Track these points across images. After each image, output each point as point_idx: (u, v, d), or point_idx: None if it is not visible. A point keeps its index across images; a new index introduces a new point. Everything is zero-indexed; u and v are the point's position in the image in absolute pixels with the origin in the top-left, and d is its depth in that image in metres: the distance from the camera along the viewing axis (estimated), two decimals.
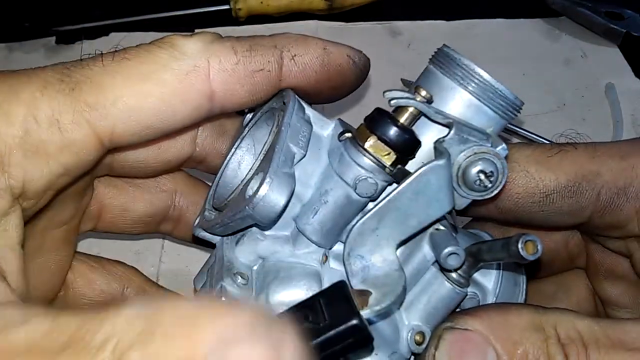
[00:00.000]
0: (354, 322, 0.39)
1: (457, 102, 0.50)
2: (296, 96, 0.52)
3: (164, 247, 0.85)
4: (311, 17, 1.12)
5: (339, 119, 0.53)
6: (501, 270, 0.56)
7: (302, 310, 0.41)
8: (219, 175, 0.57)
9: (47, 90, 0.44)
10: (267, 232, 0.52)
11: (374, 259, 0.49)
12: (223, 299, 0.50)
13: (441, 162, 0.46)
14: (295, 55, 0.52)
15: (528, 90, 1.01)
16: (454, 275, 0.51)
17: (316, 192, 0.51)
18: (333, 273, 0.51)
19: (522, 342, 0.49)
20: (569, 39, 1.11)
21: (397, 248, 0.49)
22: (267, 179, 0.46)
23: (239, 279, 0.51)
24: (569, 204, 0.57)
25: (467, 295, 0.53)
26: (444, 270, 0.51)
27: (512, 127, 0.92)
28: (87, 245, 0.77)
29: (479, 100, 0.50)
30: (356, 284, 0.47)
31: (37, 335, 0.36)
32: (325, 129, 0.53)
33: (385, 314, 0.47)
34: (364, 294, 0.45)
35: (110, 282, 0.65)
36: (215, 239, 0.55)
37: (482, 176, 0.48)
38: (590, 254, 0.67)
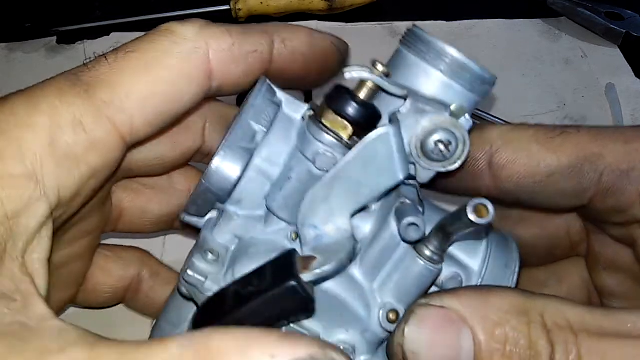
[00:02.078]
0: (292, 283, 0.41)
1: (425, 79, 0.51)
2: (267, 80, 0.54)
3: (164, 244, 0.86)
4: (311, 18, 1.12)
5: (312, 102, 0.54)
6: (489, 251, 0.54)
7: (249, 278, 0.43)
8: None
9: (64, 97, 0.45)
10: (240, 212, 0.53)
11: (327, 229, 0.49)
12: (190, 272, 0.52)
13: (387, 129, 0.46)
14: (284, 39, 0.55)
15: (528, 91, 1.02)
16: (426, 252, 0.49)
17: (284, 171, 0.52)
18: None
19: (501, 324, 0.47)
20: (569, 39, 1.11)
21: (351, 217, 0.49)
22: (221, 152, 0.50)
23: (209, 256, 0.52)
24: (570, 185, 0.56)
25: (440, 271, 0.50)
26: (416, 247, 0.49)
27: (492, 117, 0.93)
28: None
29: (445, 75, 0.50)
30: (307, 252, 0.47)
31: None
32: (298, 112, 0.54)
33: (327, 276, 0.46)
34: (309, 258, 0.45)
35: (126, 267, 0.67)
36: (201, 223, 0.55)
37: (440, 146, 0.48)
38: (591, 242, 0.66)
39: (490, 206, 0.42)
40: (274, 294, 0.41)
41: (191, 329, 0.48)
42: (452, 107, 0.49)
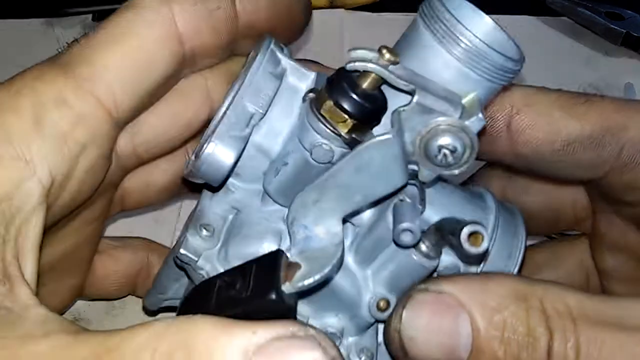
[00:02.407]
0: (272, 296, 0.40)
1: (438, 64, 0.46)
2: (272, 45, 0.51)
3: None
4: None
5: (318, 72, 0.51)
6: (493, 240, 0.53)
7: (234, 275, 0.43)
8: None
9: (44, 78, 0.46)
10: (239, 184, 0.52)
11: (317, 230, 0.46)
12: (183, 251, 0.52)
13: (385, 138, 0.43)
14: None
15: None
16: (422, 247, 0.48)
17: (282, 150, 0.50)
18: None
19: (500, 310, 0.45)
20: (568, 39, 1.13)
21: (343, 220, 0.47)
22: (211, 142, 0.47)
23: (204, 232, 0.52)
24: (589, 156, 0.54)
25: (437, 267, 0.49)
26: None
27: None
28: None
29: (460, 63, 0.45)
30: (294, 254, 0.45)
31: (58, 349, 0.36)
32: (304, 81, 0.51)
33: (310, 290, 0.43)
34: (293, 267, 0.43)
35: (134, 253, 0.68)
36: None
37: (445, 151, 0.44)
38: (597, 221, 0.64)
39: (485, 233, 0.40)
40: (254, 304, 0.41)
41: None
42: (465, 102, 0.45)
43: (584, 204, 0.65)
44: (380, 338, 0.53)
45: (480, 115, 0.44)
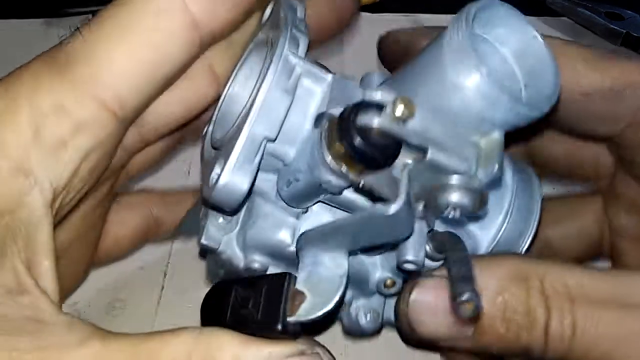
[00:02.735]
0: (278, 327, 0.43)
1: (456, 101, 0.42)
2: (285, 48, 0.46)
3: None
4: None
5: (336, 75, 0.48)
6: (504, 229, 0.54)
7: (246, 290, 0.47)
8: (216, 110, 0.54)
9: (41, 82, 0.43)
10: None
11: (324, 258, 0.47)
12: (204, 241, 0.54)
13: (388, 211, 0.40)
14: None
15: None
16: (427, 249, 0.49)
17: (296, 158, 0.48)
18: (312, 221, 0.52)
19: (501, 292, 0.47)
20: (568, 39, 1.12)
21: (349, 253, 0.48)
22: (224, 173, 0.45)
23: (221, 220, 0.53)
24: (607, 108, 0.54)
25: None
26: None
27: None
28: None
29: (478, 95, 0.42)
30: (300, 280, 0.46)
31: (97, 357, 0.40)
32: (320, 84, 0.48)
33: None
34: (299, 298, 0.45)
35: (138, 212, 0.68)
36: None
37: (454, 208, 0.43)
38: (616, 180, 0.64)
39: (478, 307, 0.41)
40: (264, 330, 0.44)
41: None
42: (484, 145, 0.43)
43: (608, 163, 0.65)
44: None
45: (496, 165, 0.42)
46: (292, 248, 0.51)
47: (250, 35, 0.56)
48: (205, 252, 0.57)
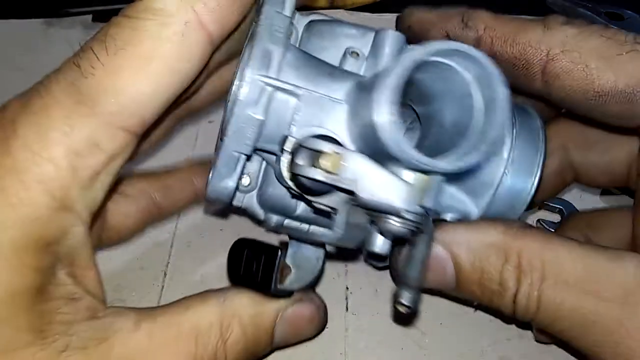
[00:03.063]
0: (271, 291, 0.57)
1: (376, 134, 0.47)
2: (256, 74, 0.51)
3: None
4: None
5: (306, 93, 0.52)
6: (494, 197, 0.57)
7: (254, 253, 0.58)
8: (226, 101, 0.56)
9: (71, 119, 0.45)
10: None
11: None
12: (235, 202, 0.61)
13: (329, 237, 0.52)
14: None
15: None
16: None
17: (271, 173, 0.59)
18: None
19: (480, 260, 0.52)
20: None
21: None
22: (208, 186, 0.56)
23: (244, 180, 0.60)
24: (620, 108, 0.53)
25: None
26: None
27: None
28: None
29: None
30: (289, 255, 0.59)
31: (153, 337, 0.50)
32: (293, 96, 0.53)
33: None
34: (287, 271, 0.58)
35: (137, 202, 0.70)
36: None
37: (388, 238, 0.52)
38: None
39: (409, 307, 0.47)
40: (261, 290, 0.58)
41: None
42: (417, 184, 0.49)
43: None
44: None
45: (425, 203, 0.49)
46: (297, 213, 0.59)
47: (248, 25, 0.56)
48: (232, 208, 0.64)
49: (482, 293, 0.54)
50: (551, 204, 0.81)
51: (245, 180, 0.60)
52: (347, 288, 0.76)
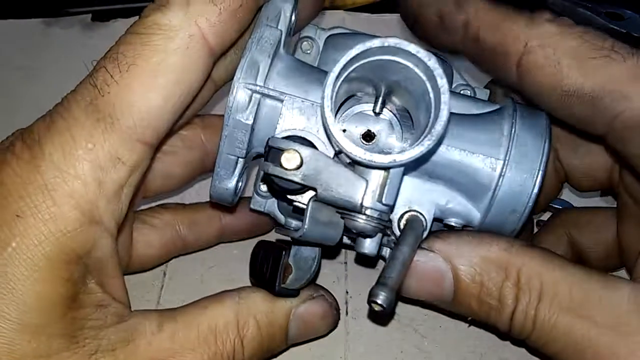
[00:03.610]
0: (275, 290, 0.61)
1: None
2: (243, 85, 0.55)
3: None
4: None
5: (289, 98, 0.56)
6: (493, 200, 0.57)
7: (266, 253, 0.62)
8: None
9: (94, 137, 0.48)
10: None
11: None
12: (252, 206, 0.66)
13: (295, 234, 0.55)
14: None
15: None
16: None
17: None
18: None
19: (481, 275, 0.53)
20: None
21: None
22: (212, 187, 0.59)
23: (263, 187, 0.65)
24: (583, 112, 0.53)
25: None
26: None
27: None
28: None
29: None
30: (291, 255, 0.62)
31: (176, 337, 0.54)
32: (279, 102, 0.57)
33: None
34: (289, 270, 0.62)
35: (162, 234, 0.72)
36: None
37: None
38: (621, 183, 0.65)
39: (381, 305, 0.48)
40: (268, 288, 0.61)
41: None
42: (372, 182, 0.53)
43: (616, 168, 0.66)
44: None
45: (384, 200, 0.52)
46: None
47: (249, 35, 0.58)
48: (257, 212, 0.68)
49: (480, 308, 0.54)
50: (553, 205, 0.81)
51: (264, 187, 0.65)
52: (347, 292, 0.76)
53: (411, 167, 0.56)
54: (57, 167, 0.48)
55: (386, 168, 0.52)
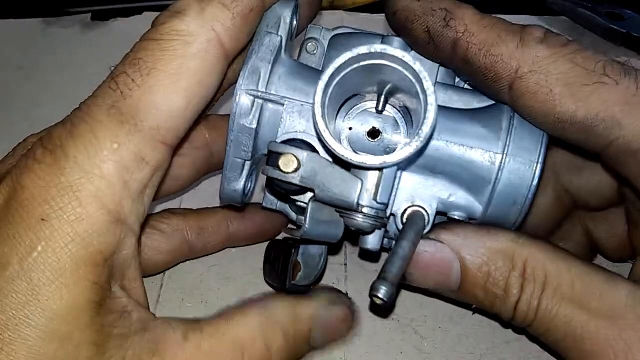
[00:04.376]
0: (286, 288, 0.63)
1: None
2: (243, 94, 0.58)
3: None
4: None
5: (289, 103, 0.59)
6: (494, 193, 0.58)
7: (277, 252, 0.65)
8: None
9: (118, 138, 0.48)
10: None
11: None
12: (265, 204, 0.67)
13: (297, 235, 0.57)
14: None
15: None
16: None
17: None
18: None
19: (488, 264, 0.55)
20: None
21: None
22: (221, 189, 0.62)
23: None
24: (578, 138, 0.54)
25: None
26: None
27: None
28: None
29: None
30: (300, 253, 0.65)
31: (202, 347, 0.52)
32: (280, 106, 0.59)
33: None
34: (297, 267, 0.65)
35: (170, 239, 0.72)
36: None
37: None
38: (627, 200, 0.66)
39: (382, 298, 0.50)
40: (280, 284, 0.64)
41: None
42: (368, 182, 0.54)
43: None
44: None
45: (379, 198, 0.54)
46: None
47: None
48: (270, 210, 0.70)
49: (485, 297, 0.55)
50: None
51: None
52: (347, 293, 0.75)
53: (407, 165, 0.58)
54: (82, 169, 0.47)
55: (378, 169, 0.54)
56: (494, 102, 0.61)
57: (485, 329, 0.73)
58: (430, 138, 0.54)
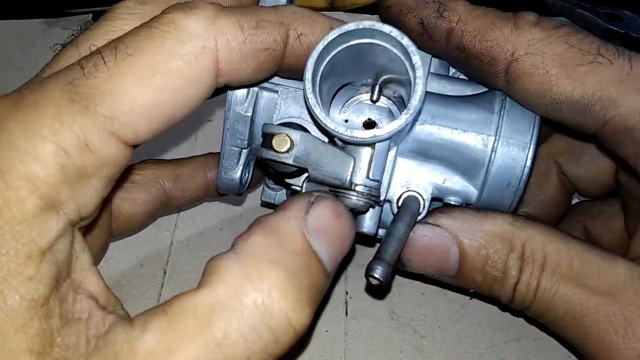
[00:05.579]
0: None
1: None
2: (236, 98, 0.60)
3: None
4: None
5: (284, 89, 0.60)
6: (488, 176, 0.58)
7: None
8: None
9: (63, 116, 0.42)
10: None
11: None
12: (263, 199, 0.68)
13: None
14: (301, 35, 0.51)
15: None
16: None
17: None
18: None
19: (486, 247, 0.55)
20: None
21: None
22: (219, 179, 0.64)
23: (271, 182, 0.69)
24: (575, 118, 0.54)
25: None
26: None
27: None
28: None
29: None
30: None
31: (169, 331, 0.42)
32: (274, 93, 0.61)
33: None
34: None
35: (146, 190, 0.71)
36: None
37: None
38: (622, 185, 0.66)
39: (378, 278, 0.49)
40: None
41: None
42: (361, 158, 0.55)
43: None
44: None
45: (371, 175, 0.54)
46: None
47: None
48: (269, 205, 0.71)
49: (484, 280, 0.56)
50: None
51: (271, 182, 0.68)
52: (347, 293, 0.76)
53: (399, 141, 0.58)
54: (15, 146, 0.41)
55: (369, 144, 0.54)
56: (487, 90, 0.61)
57: (485, 328, 0.73)
58: (419, 112, 0.55)
